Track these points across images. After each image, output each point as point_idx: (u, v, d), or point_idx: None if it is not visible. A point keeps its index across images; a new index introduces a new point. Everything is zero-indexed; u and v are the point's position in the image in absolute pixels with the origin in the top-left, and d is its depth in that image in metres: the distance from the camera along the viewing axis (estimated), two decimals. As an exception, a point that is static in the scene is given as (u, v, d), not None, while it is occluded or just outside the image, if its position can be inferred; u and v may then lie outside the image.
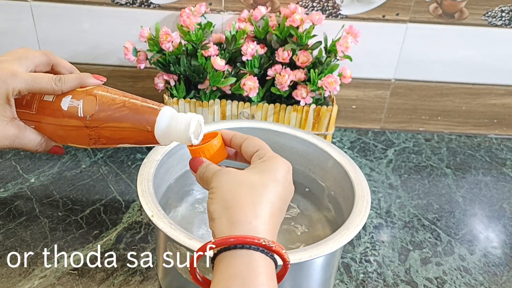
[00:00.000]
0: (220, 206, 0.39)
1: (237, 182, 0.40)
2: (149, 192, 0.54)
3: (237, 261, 0.37)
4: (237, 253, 0.37)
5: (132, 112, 0.45)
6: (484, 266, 0.68)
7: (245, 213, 0.38)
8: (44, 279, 0.61)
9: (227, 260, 0.37)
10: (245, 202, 0.39)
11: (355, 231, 0.52)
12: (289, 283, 0.53)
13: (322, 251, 0.49)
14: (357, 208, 0.55)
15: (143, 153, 0.86)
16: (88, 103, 0.46)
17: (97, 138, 0.47)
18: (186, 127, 0.44)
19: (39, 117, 0.49)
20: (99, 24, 0.85)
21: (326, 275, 0.58)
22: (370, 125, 0.98)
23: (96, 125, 0.46)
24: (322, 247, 0.50)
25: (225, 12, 0.85)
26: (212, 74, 0.76)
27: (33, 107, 0.48)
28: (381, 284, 0.64)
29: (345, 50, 0.78)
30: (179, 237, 0.49)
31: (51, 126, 0.48)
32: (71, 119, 0.47)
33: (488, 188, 0.84)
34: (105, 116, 0.46)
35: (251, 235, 0.37)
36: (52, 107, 0.47)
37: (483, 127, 0.98)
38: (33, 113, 0.48)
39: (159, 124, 0.45)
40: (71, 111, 0.47)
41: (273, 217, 0.40)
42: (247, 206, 0.39)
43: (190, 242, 0.48)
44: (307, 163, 0.68)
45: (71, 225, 0.69)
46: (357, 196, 0.57)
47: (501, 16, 0.86)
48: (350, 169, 0.62)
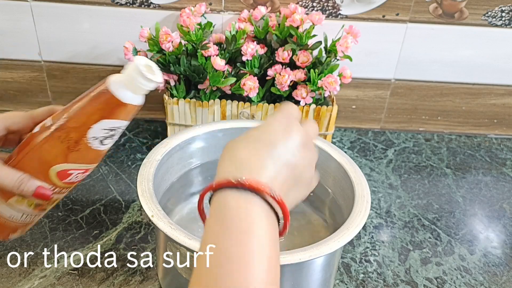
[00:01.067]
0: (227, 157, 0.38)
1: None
2: (149, 192, 0.54)
3: (234, 203, 0.35)
4: (235, 194, 0.35)
5: (85, 94, 0.46)
6: (484, 266, 0.68)
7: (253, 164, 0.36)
8: (44, 279, 0.61)
9: (223, 200, 0.35)
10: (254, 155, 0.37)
11: (355, 231, 0.52)
12: (289, 283, 0.53)
13: (322, 251, 0.49)
14: (357, 208, 0.55)
15: (143, 153, 0.86)
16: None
17: (67, 135, 0.44)
18: (134, 66, 0.43)
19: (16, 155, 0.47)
20: (99, 24, 0.85)
21: (326, 275, 0.58)
22: (370, 125, 0.98)
23: (61, 122, 0.45)
24: (322, 247, 0.50)
25: (225, 12, 0.85)
26: (212, 74, 0.76)
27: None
28: (381, 284, 0.64)
29: (345, 50, 0.78)
30: (179, 237, 0.49)
31: (27, 156, 0.46)
32: (41, 134, 0.46)
33: (488, 188, 0.84)
34: (65, 110, 0.45)
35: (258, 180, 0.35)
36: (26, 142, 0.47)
37: (483, 127, 0.98)
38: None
39: (111, 79, 0.44)
40: (42, 130, 0.46)
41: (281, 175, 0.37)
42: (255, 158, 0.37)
43: (190, 242, 0.48)
44: None
45: (71, 225, 0.69)
46: (357, 196, 0.57)
47: (501, 16, 0.86)
48: (350, 169, 0.62)
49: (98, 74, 0.91)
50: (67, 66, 0.90)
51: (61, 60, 0.90)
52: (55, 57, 0.89)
